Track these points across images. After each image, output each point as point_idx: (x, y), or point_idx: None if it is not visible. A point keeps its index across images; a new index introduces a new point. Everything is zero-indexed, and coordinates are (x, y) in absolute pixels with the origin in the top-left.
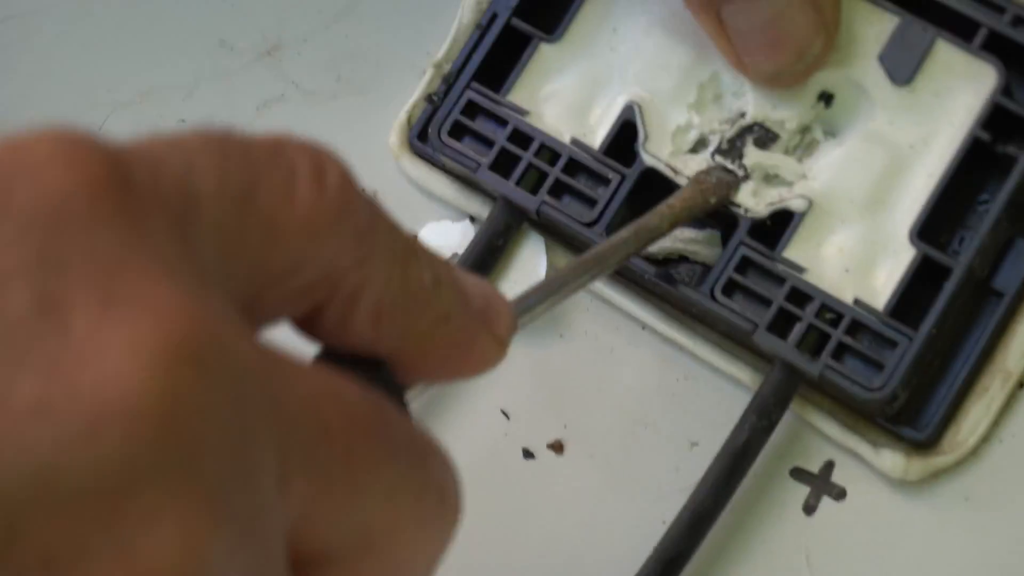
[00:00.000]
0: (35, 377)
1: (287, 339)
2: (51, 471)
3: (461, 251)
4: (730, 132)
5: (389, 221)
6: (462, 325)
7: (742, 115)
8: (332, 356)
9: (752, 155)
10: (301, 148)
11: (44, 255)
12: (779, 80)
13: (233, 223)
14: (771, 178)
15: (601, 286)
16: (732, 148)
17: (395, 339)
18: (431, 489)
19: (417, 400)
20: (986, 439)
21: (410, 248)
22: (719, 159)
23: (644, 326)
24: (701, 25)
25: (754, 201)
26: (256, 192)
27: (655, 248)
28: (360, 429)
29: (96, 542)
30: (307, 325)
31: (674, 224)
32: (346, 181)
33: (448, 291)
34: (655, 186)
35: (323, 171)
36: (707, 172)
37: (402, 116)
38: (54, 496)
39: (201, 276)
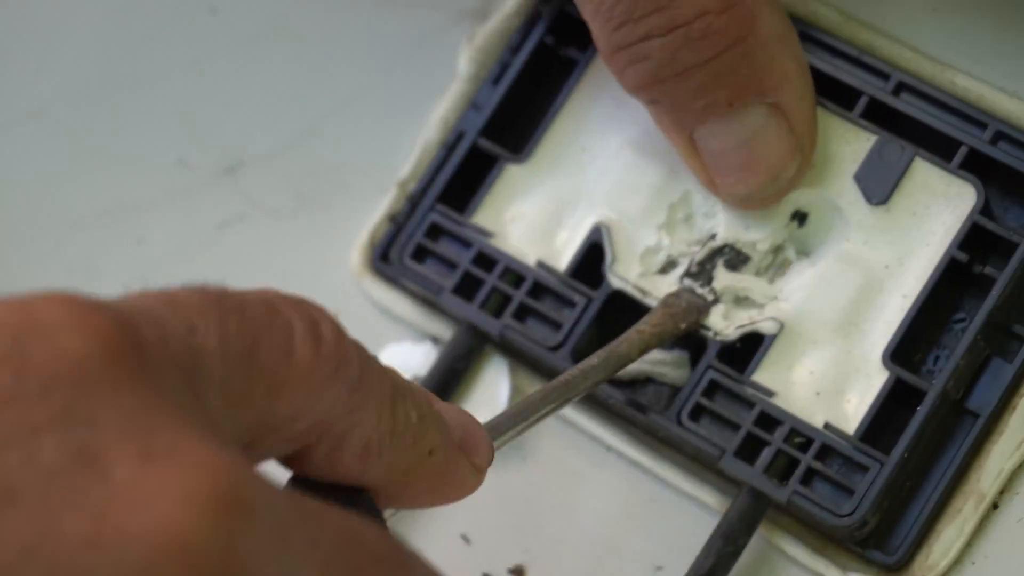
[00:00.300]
0: (84, 518)
1: None
2: None
3: (423, 373)
4: (700, 254)
5: (378, 365)
6: (444, 458)
7: (713, 236)
8: (312, 482)
9: (722, 278)
10: (295, 305)
11: (72, 411)
12: (752, 202)
13: (238, 381)
14: (741, 300)
15: (566, 408)
16: (702, 271)
17: (382, 473)
18: None
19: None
20: (958, 562)
21: (397, 388)
22: (688, 282)
23: (609, 448)
24: (673, 145)
25: (724, 324)
26: (257, 351)
27: (621, 371)
28: (388, 570)
29: None
30: (294, 462)
31: (644, 350)
32: (339, 336)
33: (432, 426)
34: (623, 308)
35: (318, 328)
36: (676, 295)
37: (364, 236)
38: None
39: (215, 429)
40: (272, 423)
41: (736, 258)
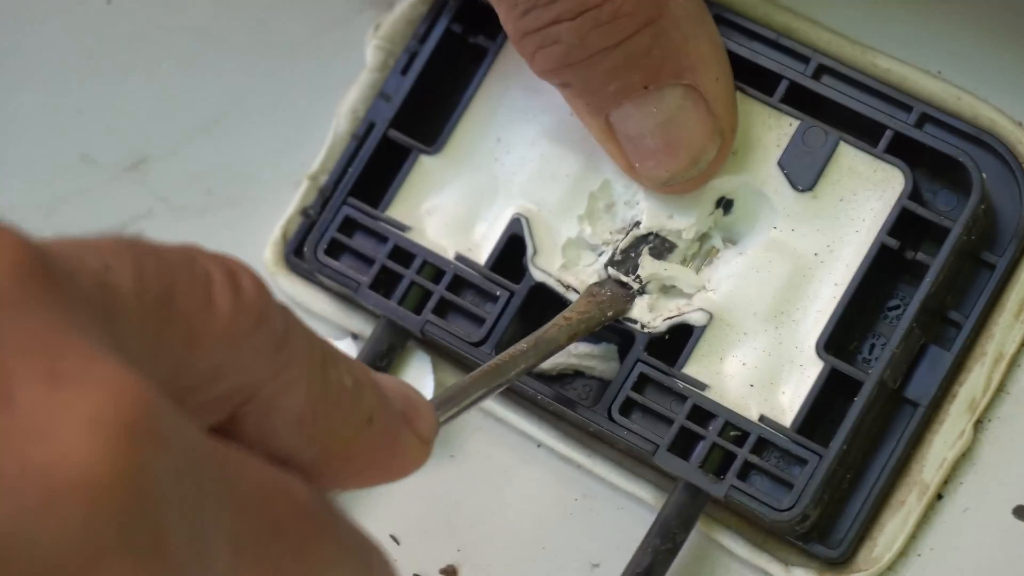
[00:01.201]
0: None
1: None
2: (6, 545)
3: None
4: (624, 242)
5: (306, 328)
6: (385, 426)
7: (636, 224)
8: None
9: (648, 266)
10: (214, 258)
11: None
12: (673, 187)
13: (154, 325)
14: (668, 290)
15: (493, 404)
16: (626, 259)
17: (318, 444)
18: None
19: None
20: (903, 554)
21: (328, 352)
22: (612, 271)
23: (539, 444)
24: (590, 131)
25: (651, 316)
26: (174, 297)
27: (548, 364)
28: (313, 528)
29: None
30: (225, 432)
31: (572, 337)
32: (261, 290)
33: (369, 393)
34: (546, 302)
35: (237, 279)
36: (601, 285)
37: (277, 232)
38: (11, 572)
39: (130, 363)
40: (192, 378)
41: (661, 246)
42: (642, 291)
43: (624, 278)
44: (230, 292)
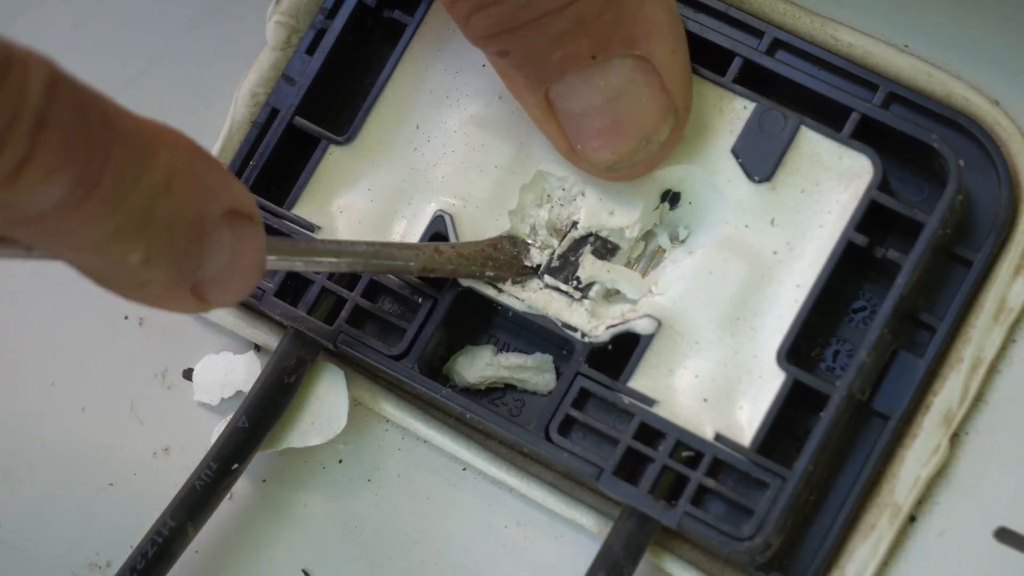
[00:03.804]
0: None
1: None
2: None
3: (246, 388)
4: (561, 247)
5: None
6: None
7: (574, 225)
8: None
9: (588, 267)
10: None
11: None
12: (618, 172)
13: None
14: (611, 295)
15: (413, 421)
16: (565, 264)
17: None
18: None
19: None
20: None
21: None
22: (549, 279)
23: (465, 467)
24: (526, 109)
25: (591, 323)
26: None
27: (476, 378)
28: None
29: None
30: None
31: (423, 270)
32: None
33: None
34: (474, 308)
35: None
36: (513, 242)
37: None
38: None
39: None
40: None
41: (603, 248)
42: (583, 298)
43: (563, 286)
44: None
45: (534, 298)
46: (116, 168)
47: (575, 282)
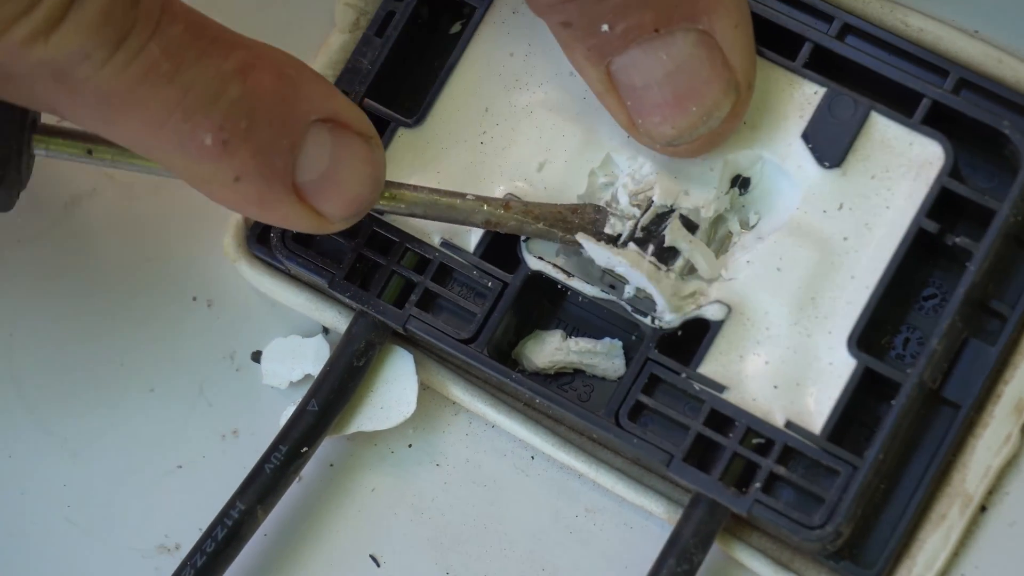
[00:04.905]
0: None
1: None
2: None
3: (315, 372)
4: (645, 218)
5: None
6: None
7: (650, 203)
8: None
9: (676, 231)
10: None
11: None
12: (678, 148)
13: None
14: (690, 271)
15: (482, 405)
16: (649, 235)
17: None
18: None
19: None
20: (945, 574)
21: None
22: (634, 247)
23: (535, 453)
24: (588, 83)
25: (673, 300)
26: None
27: (545, 362)
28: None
29: None
30: None
31: (488, 223)
32: None
33: None
34: (544, 292)
35: None
36: (597, 211)
37: (237, 216)
38: None
39: None
40: None
41: (687, 223)
42: (668, 270)
43: (649, 257)
44: None
45: (624, 260)
46: (165, 40)
47: (657, 253)
